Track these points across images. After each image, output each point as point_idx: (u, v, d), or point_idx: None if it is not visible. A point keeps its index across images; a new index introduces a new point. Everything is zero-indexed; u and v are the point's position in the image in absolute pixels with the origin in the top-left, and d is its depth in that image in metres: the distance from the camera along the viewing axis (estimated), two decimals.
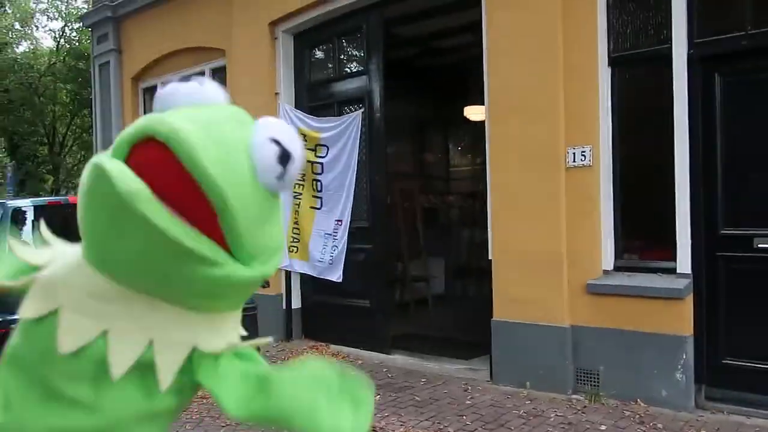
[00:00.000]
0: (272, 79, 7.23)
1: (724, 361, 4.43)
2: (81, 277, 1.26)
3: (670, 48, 4.58)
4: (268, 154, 1.18)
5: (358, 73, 6.90)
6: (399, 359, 6.13)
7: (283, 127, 1.24)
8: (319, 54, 7.54)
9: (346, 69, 7.23)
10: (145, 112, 9.62)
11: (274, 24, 7.21)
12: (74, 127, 21.14)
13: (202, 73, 8.60)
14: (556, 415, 4.44)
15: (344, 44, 7.29)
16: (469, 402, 4.80)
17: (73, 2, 20.01)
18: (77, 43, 19.40)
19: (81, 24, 13.36)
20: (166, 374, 1.27)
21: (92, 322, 1.24)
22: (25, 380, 1.32)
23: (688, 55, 4.51)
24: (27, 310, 1.30)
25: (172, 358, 1.28)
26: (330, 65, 7.32)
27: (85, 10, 14.43)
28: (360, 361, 5.93)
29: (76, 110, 20.07)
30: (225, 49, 7.91)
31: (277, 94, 7.16)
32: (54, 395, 1.29)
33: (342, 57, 7.32)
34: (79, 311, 1.25)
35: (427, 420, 4.41)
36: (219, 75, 8.34)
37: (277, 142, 1.19)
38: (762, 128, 4.35)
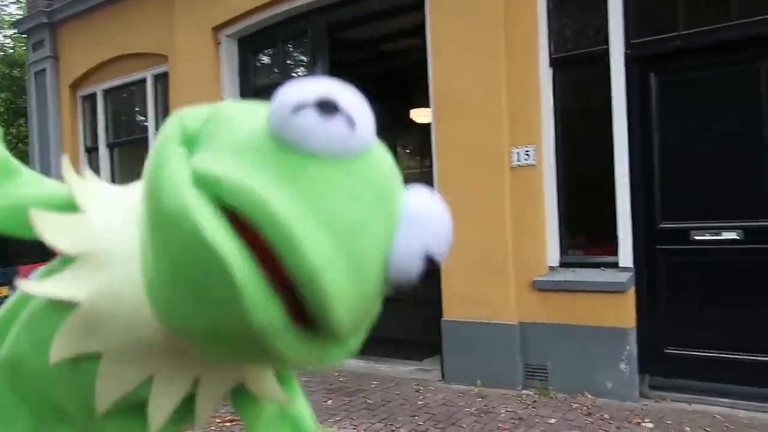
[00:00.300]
0: (217, 84, 7.12)
1: (666, 351, 4.57)
2: (131, 316, 1.01)
3: (608, 49, 4.71)
4: (411, 272, 0.91)
5: (304, 78, 6.84)
6: (350, 363, 6.08)
7: (442, 226, 0.93)
8: (264, 59, 7.48)
9: (292, 74, 7.19)
10: (84, 122, 9.46)
11: (217, 29, 7.10)
12: (9, 138, 20.33)
13: (143, 80, 8.42)
14: (507, 410, 4.49)
15: (290, 48, 7.24)
16: (421, 402, 4.81)
17: (6, 8, 19.29)
18: (11, 50, 18.70)
19: (15, 30, 12.86)
20: (204, 412, 1.19)
21: (137, 369, 1.09)
22: (35, 398, 1.20)
23: (625, 55, 4.65)
24: (63, 348, 1.08)
25: (213, 395, 1.18)
26: (276, 70, 7.27)
27: (19, 16, 13.96)
28: (311, 366, 5.86)
29: (11, 120, 19.32)
30: (167, 54, 7.74)
31: (222, 99, 7.06)
32: (69, 421, 1.19)
33: (288, 61, 7.28)
34: (124, 360, 1.07)
35: (379, 422, 4.41)
36: (161, 81, 8.18)
37: (429, 260, 0.90)
38: (695, 125, 4.52)
